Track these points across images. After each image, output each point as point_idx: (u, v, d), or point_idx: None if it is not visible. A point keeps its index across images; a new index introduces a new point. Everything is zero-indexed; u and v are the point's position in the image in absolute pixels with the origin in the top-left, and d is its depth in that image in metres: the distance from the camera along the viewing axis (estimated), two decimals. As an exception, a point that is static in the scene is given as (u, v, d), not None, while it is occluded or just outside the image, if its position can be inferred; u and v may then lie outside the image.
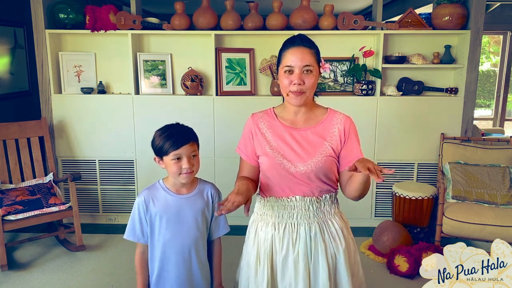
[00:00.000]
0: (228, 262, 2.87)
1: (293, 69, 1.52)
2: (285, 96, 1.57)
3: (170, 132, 1.63)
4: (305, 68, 1.51)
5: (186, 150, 1.61)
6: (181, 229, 1.68)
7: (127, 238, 1.72)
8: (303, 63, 1.51)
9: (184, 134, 1.63)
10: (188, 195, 1.70)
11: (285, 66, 1.53)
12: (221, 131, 3.52)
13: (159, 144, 1.63)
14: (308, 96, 1.55)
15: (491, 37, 8.14)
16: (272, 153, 1.57)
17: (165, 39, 3.60)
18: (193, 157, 1.64)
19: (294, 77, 1.51)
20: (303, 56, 1.51)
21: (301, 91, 1.52)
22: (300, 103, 1.54)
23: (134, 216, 1.70)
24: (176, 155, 1.60)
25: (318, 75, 1.57)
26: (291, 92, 1.53)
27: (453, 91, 3.48)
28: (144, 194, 1.69)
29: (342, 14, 3.40)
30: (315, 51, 1.56)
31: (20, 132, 3.33)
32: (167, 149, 1.60)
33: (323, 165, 1.54)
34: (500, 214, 2.85)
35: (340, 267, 1.57)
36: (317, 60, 1.56)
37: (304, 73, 1.52)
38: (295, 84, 1.51)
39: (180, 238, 1.68)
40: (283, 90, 1.57)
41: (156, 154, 1.67)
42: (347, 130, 1.60)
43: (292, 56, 1.52)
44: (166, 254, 1.69)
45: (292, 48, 1.53)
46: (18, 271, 2.90)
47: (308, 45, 1.55)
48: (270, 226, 1.59)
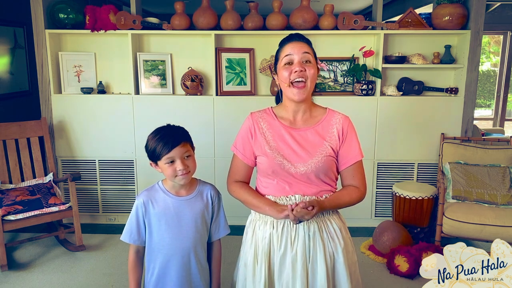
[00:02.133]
0: (227, 262, 2.87)
1: (293, 59, 1.54)
2: (286, 87, 1.56)
3: (160, 135, 1.60)
4: (304, 57, 1.54)
5: (178, 151, 1.58)
6: (180, 231, 1.67)
7: (123, 239, 1.70)
8: (302, 50, 1.54)
9: (174, 136, 1.60)
10: (187, 197, 1.69)
11: (285, 57, 1.55)
12: (221, 131, 3.52)
13: (151, 149, 1.61)
14: (309, 90, 1.56)
15: (491, 37, 8.14)
16: (272, 153, 1.57)
17: (165, 39, 3.60)
18: (186, 157, 1.61)
19: (295, 65, 1.53)
20: (301, 46, 1.55)
21: (303, 79, 1.52)
22: (302, 97, 1.54)
23: (132, 217, 1.69)
24: (169, 158, 1.58)
25: (316, 69, 1.58)
26: (292, 83, 1.54)
27: (453, 91, 3.48)
28: (143, 196, 1.68)
29: (342, 14, 3.40)
30: (311, 47, 1.60)
31: (20, 132, 3.33)
32: (159, 153, 1.58)
33: (323, 165, 1.55)
34: (500, 214, 2.85)
35: (338, 266, 1.57)
36: (314, 56, 1.59)
37: (304, 63, 1.54)
38: (296, 72, 1.52)
39: (180, 240, 1.67)
40: (283, 82, 1.57)
41: (150, 159, 1.65)
42: (345, 130, 1.60)
43: (291, 47, 1.55)
44: (166, 257, 1.68)
45: (290, 43, 1.57)
46: (18, 271, 2.90)
47: (305, 41, 1.59)
48: (269, 224, 1.59)
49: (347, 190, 1.62)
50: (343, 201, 1.59)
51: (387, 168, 3.60)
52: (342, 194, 1.61)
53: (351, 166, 1.61)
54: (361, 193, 1.62)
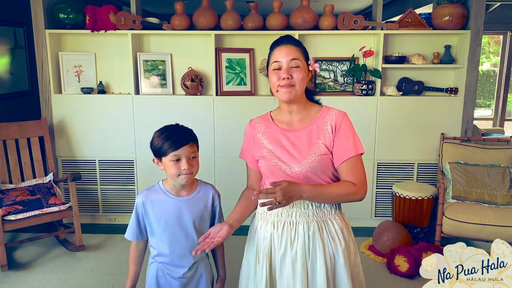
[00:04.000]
0: (228, 262, 2.87)
1: (281, 65, 1.55)
2: (275, 92, 1.59)
3: (170, 133, 1.61)
4: (292, 63, 1.54)
5: (185, 151, 1.59)
6: (180, 231, 1.67)
7: (127, 237, 1.73)
8: (289, 57, 1.55)
9: (183, 135, 1.61)
10: (187, 198, 1.69)
11: (273, 63, 1.57)
12: (221, 131, 3.52)
13: (158, 144, 1.61)
14: (298, 91, 1.56)
15: (491, 37, 8.14)
16: (269, 155, 1.59)
17: (165, 39, 3.60)
18: (192, 158, 1.62)
19: (282, 72, 1.54)
20: (289, 52, 1.55)
21: (290, 84, 1.54)
22: (290, 97, 1.55)
23: (134, 216, 1.71)
24: (175, 156, 1.58)
25: (307, 71, 1.59)
26: (280, 86, 1.55)
27: (453, 91, 3.48)
28: (142, 196, 1.68)
29: (342, 14, 3.40)
30: (301, 49, 1.60)
31: (20, 132, 3.33)
32: (166, 149, 1.58)
33: (317, 164, 1.54)
34: (500, 214, 2.85)
35: (339, 267, 1.56)
36: (304, 57, 1.59)
37: (292, 68, 1.55)
38: (284, 79, 1.53)
39: (180, 241, 1.68)
40: (273, 87, 1.60)
41: (155, 155, 1.65)
42: (338, 125, 1.57)
43: (279, 52, 1.56)
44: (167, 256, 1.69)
45: (278, 47, 1.58)
46: (18, 271, 2.90)
47: (294, 43, 1.59)
48: (269, 224, 1.60)
49: (339, 182, 1.57)
50: (328, 190, 1.51)
51: (387, 168, 3.60)
52: (329, 184, 1.55)
53: (344, 162, 1.54)
54: (355, 188, 1.53)
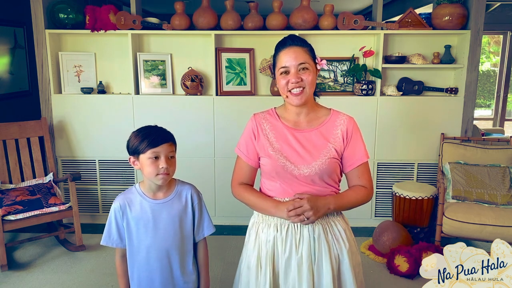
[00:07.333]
0: (227, 262, 2.87)
1: (288, 70, 1.52)
2: (285, 97, 1.57)
3: (149, 131, 1.59)
4: (300, 66, 1.51)
5: (164, 149, 1.57)
6: (158, 234, 1.64)
7: (104, 244, 1.67)
8: (297, 61, 1.51)
9: (162, 134, 1.60)
10: (164, 200, 1.66)
11: (281, 68, 1.53)
12: (221, 131, 3.51)
13: (136, 142, 1.57)
14: (308, 94, 1.54)
15: (491, 37, 8.14)
16: (275, 154, 1.55)
17: (165, 39, 3.60)
18: (170, 158, 1.60)
19: (291, 76, 1.51)
20: (296, 55, 1.51)
21: (300, 86, 1.51)
22: (301, 102, 1.53)
23: (111, 222, 1.66)
24: (154, 153, 1.55)
25: (315, 72, 1.56)
26: (289, 92, 1.53)
27: (453, 91, 3.48)
28: (119, 200, 1.65)
29: (342, 14, 3.40)
30: (308, 48, 1.56)
31: (20, 132, 3.33)
32: (145, 147, 1.55)
33: (327, 167, 1.53)
34: (500, 214, 2.85)
35: (344, 268, 1.56)
36: (312, 57, 1.55)
37: (301, 71, 1.51)
38: (293, 83, 1.50)
39: (158, 244, 1.64)
40: (281, 91, 1.56)
41: (132, 154, 1.61)
42: (350, 131, 1.58)
43: (286, 57, 1.52)
44: (146, 261, 1.65)
45: (284, 49, 1.54)
46: (18, 271, 2.90)
47: (300, 44, 1.54)
48: (272, 227, 1.57)
49: (352, 189, 1.61)
50: (348, 200, 1.56)
51: (387, 168, 3.60)
52: (347, 193, 1.59)
53: (356, 168, 1.59)
54: (368, 192, 1.60)
